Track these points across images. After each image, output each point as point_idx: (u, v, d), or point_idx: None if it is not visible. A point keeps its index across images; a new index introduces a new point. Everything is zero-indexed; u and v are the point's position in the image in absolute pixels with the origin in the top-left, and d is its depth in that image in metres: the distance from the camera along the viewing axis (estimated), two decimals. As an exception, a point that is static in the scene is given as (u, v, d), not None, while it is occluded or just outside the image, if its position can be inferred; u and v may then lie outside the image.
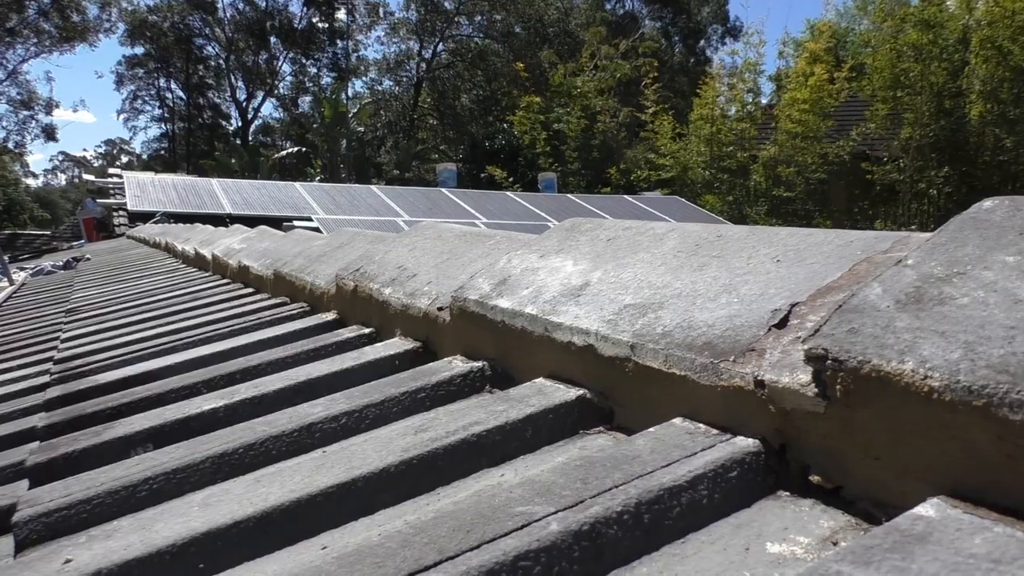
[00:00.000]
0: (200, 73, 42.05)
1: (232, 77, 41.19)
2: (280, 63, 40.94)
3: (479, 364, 1.18)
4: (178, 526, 0.79)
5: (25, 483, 1.27)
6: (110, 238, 12.66)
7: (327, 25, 39.88)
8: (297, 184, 15.29)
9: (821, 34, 19.57)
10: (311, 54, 40.57)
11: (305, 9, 39.51)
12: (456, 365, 1.21)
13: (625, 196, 16.79)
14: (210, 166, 28.27)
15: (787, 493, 0.68)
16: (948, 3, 18.78)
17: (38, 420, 1.62)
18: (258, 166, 27.25)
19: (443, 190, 15.57)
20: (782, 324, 0.76)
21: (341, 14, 39.33)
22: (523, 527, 0.63)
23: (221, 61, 41.16)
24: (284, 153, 31.72)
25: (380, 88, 39.41)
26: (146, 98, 43.27)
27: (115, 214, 13.38)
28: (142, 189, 13.37)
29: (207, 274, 3.66)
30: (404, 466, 0.84)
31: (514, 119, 23.25)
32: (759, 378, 0.71)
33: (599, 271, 1.09)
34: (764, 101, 21.44)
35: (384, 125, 36.18)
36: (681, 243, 1.06)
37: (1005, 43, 16.92)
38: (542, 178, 18.87)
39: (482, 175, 21.31)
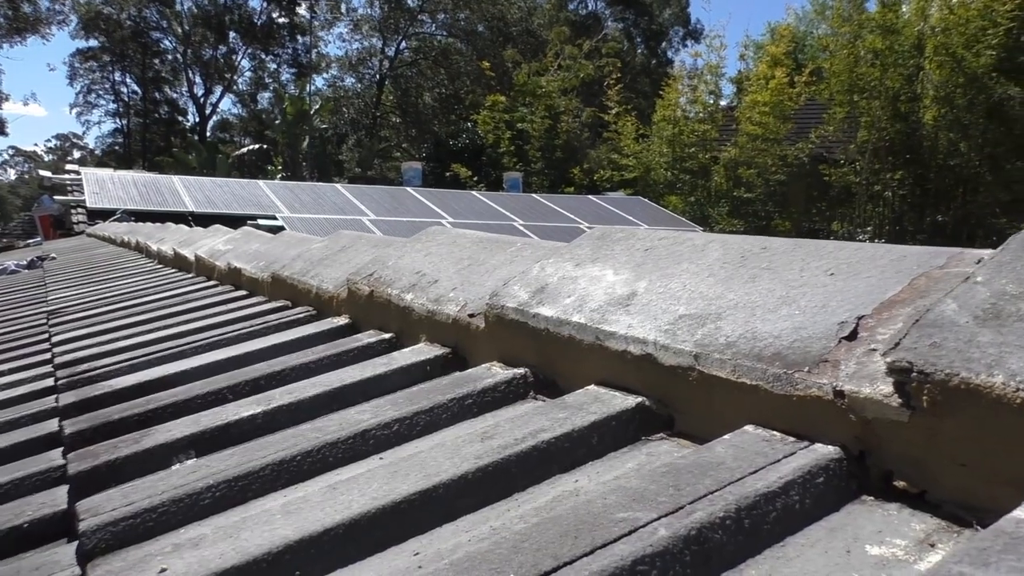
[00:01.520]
0: (156, 67, 41.35)
1: (189, 72, 40.58)
2: (239, 58, 40.45)
3: (521, 371, 1.21)
4: (266, 534, 0.80)
5: (60, 490, 1.27)
6: (68, 236, 12.41)
7: (288, 21, 39.48)
8: (261, 182, 15.14)
9: (782, 38, 19.87)
10: (271, 50, 40.13)
11: (265, 4, 39.08)
12: (496, 372, 1.24)
13: (590, 196, 16.91)
14: (167, 162, 27.88)
15: (871, 497, 0.72)
16: (903, 9, 19.20)
17: (55, 426, 1.61)
18: (217, 163, 26.88)
19: (408, 189, 15.54)
20: (852, 336, 0.80)
21: (302, 10, 38.98)
22: (631, 533, 0.66)
23: (178, 55, 40.53)
24: (244, 150, 31.34)
25: (342, 85, 39.15)
26: (100, 92, 42.47)
27: (73, 211, 13.12)
28: (101, 186, 13.13)
29: (190, 275, 3.63)
30: (480, 473, 0.87)
31: (478, 118, 23.26)
32: (838, 388, 0.75)
33: (644, 281, 1.12)
34: (724, 103, 21.74)
35: (347, 123, 35.94)
36: (724, 254, 1.10)
37: (959, 50, 17.34)
38: (507, 177, 18.93)
39: (447, 174, 21.30)
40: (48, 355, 2.51)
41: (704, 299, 1.00)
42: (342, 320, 1.90)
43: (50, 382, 2.08)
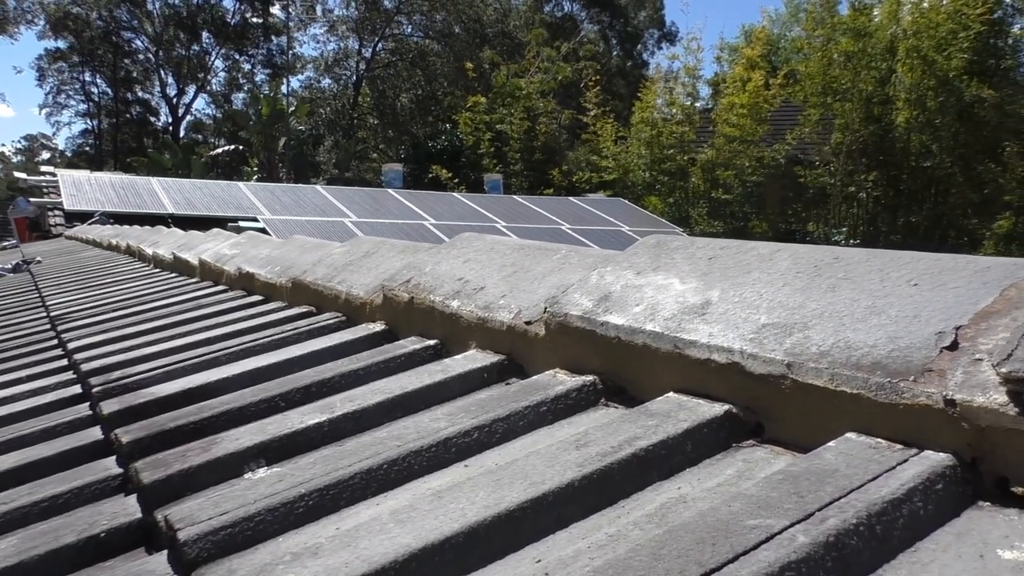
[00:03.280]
0: (127, 67, 40.87)
1: (162, 72, 40.16)
2: (212, 59, 40.10)
3: (589, 378, 1.23)
4: (386, 542, 0.82)
5: (127, 499, 1.27)
6: (45, 238, 12.25)
7: (261, 21, 39.20)
8: (240, 183, 15.05)
9: (757, 41, 20.08)
10: (244, 50, 39.82)
11: (238, 4, 38.78)
12: (564, 379, 1.26)
13: (570, 198, 16.97)
14: (141, 163, 27.57)
15: (987, 503, 0.75)
16: (875, 13, 19.49)
17: (99, 434, 1.60)
18: (191, 164, 26.64)
19: (389, 191, 15.51)
20: (953, 347, 0.83)
21: (276, 9, 38.73)
22: (768, 539, 0.68)
23: (150, 55, 40.09)
24: (219, 151, 31.06)
25: (319, 86, 38.96)
26: (70, 92, 41.90)
27: (50, 214, 12.95)
28: (78, 188, 12.98)
29: (194, 280, 3.61)
30: (586, 481, 0.89)
31: (460, 119, 23.26)
32: (949, 398, 0.78)
33: (715, 290, 1.14)
34: (700, 105, 21.92)
35: (324, 124, 35.77)
36: (795, 263, 1.12)
37: (930, 53, 17.63)
38: (488, 179, 18.94)
39: (428, 176, 21.26)
40: (64, 362, 2.49)
41: (785, 308, 1.02)
42: (378, 326, 1.91)
43: (76, 389, 2.07)
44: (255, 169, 27.56)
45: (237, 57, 40.79)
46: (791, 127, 19.32)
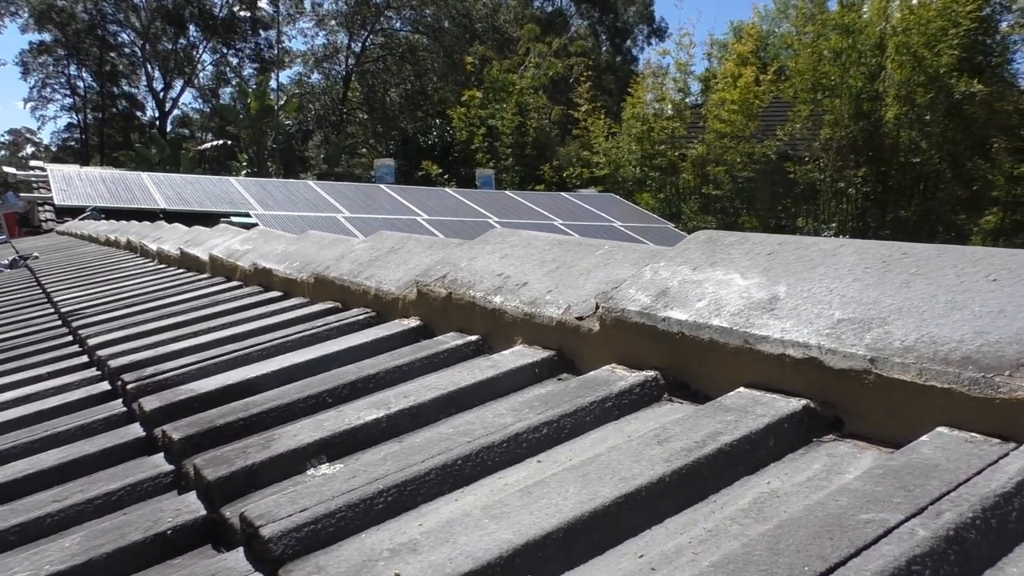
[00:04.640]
0: (113, 61, 40.54)
1: (148, 66, 39.85)
2: (199, 53, 39.82)
3: (651, 374, 1.23)
4: (485, 538, 0.82)
5: (186, 496, 1.26)
6: (35, 234, 12.15)
7: (249, 15, 38.97)
8: (232, 179, 14.97)
9: (749, 37, 20.13)
10: (232, 44, 39.58)
11: (225, -3, 38.54)
12: (623, 375, 1.26)
13: (562, 194, 16.98)
14: (128, 157, 27.38)
15: (1092, 495, 0.76)
16: (864, 9, 19.56)
17: (141, 431, 1.60)
18: (180, 158, 26.47)
19: (382, 186, 15.46)
20: (1046, 341, 0.83)
21: (264, 3, 38.51)
22: (887, 533, 0.69)
23: (136, 49, 39.78)
24: (208, 146, 30.88)
25: (308, 81, 38.78)
26: (55, 86, 41.51)
27: (39, 209, 12.85)
28: (69, 183, 12.89)
29: (205, 276, 3.59)
30: (675, 476, 0.89)
31: (455, 113, 23.22)
32: (1049, 391, 0.78)
33: (781, 286, 1.15)
34: (689, 101, 21.96)
35: (313, 119, 35.62)
36: (861, 259, 1.13)
37: (920, 49, 17.71)
38: (480, 174, 18.91)
39: (419, 172, 21.20)
40: (84, 358, 2.48)
41: (859, 303, 1.03)
42: (412, 322, 1.90)
43: (104, 386, 2.06)
44: (244, 164, 27.41)
45: (225, 51, 40.57)
46: (781, 123, 19.39)
